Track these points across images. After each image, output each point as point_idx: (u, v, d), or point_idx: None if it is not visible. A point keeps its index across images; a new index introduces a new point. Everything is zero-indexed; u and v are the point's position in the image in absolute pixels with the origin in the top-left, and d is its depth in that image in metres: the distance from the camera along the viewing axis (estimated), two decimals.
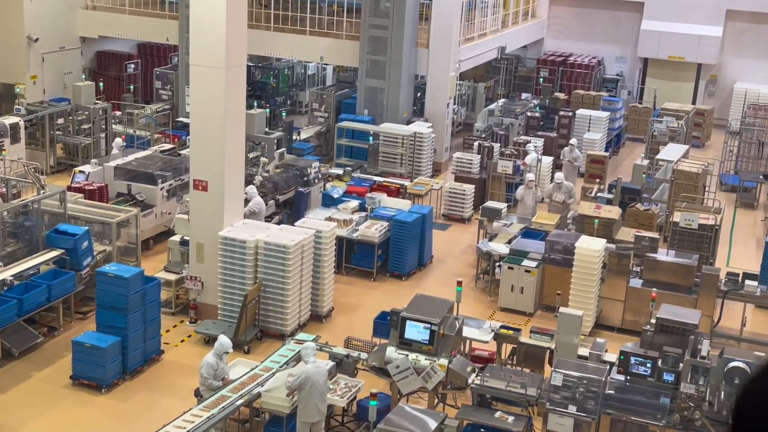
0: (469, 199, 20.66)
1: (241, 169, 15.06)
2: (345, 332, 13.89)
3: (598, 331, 15.24)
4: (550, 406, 11.33)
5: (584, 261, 15.17)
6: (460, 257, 18.67)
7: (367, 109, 23.96)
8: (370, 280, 17.20)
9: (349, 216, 17.55)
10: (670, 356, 11.34)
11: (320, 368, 11.26)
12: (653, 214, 18.41)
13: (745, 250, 19.45)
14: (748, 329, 15.40)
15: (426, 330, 11.95)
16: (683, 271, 15.29)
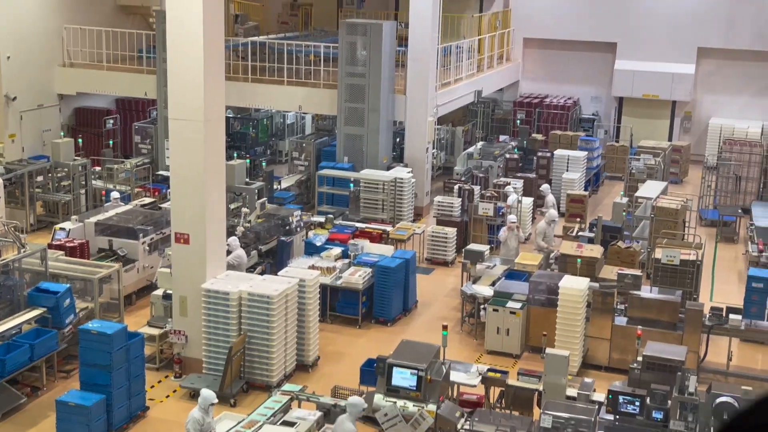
0: (452, 242, 20.71)
1: (222, 220, 15.04)
2: (332, 381, 13.79)
3: (586, 370, 15.22)
4: None
5: (568, 301, 15.19)
6: (445, 301, 18.65)
7: (346, 156, 24.06)
8: (356, 328, 17.13)
9: (333, 263, 17.52)
10: (658, 394, 11.34)
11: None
12: (635, 252, 18.50)
13: (727, 284, 19.55)
14: (734, 363, 15.41)
15: (413, 376, 11.90)
16: (667, 307, 15.34)
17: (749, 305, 16.02)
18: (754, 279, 16.48)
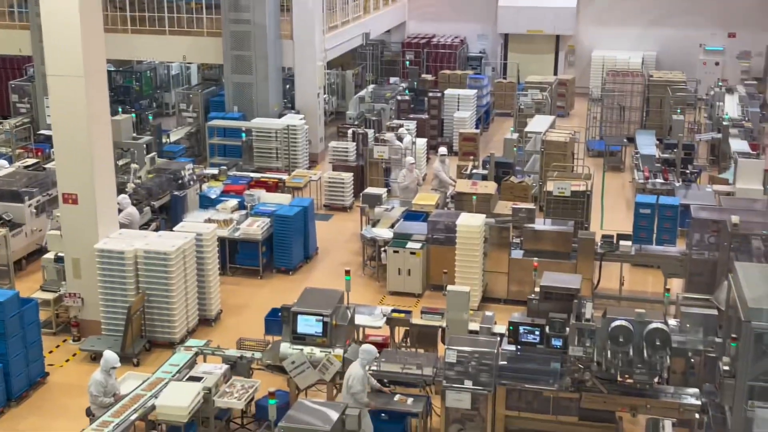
0: (349, 187, 20.69)
1: (111, 178, 14.60)
2: (236, 334, 13.69)
3: (486, 304, 15.56)
4: (447, 383, 11.49)
5: (466, 238, 15.43)
6: (346, 246, 18.68)
7: (236, 105, 23.64)
8: (257, 278, 17.01)
9: (229, 215, 17.28)
10: (557, 322, 11.66)
11: None
12: (527, 186, 18.88)
13: (616, 212, 20.19)
14: (626, 288, 15.99)
15: (318, 322, 11.91)
16: (560, 238, 15.75)
17: (638, 231, 16.64)
18: (642, 205, 17.10)
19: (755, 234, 14.70)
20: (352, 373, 11.19)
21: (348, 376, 11.21)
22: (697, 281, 15.14)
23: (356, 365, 11.31)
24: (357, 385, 11.15)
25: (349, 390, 11.12)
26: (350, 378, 11.15)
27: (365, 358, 11.32)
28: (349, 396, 11.12)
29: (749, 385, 10.00)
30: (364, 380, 11.18)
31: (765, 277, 11.03)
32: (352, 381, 11.13)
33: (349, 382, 11.13)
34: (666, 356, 10.97)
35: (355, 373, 11.17)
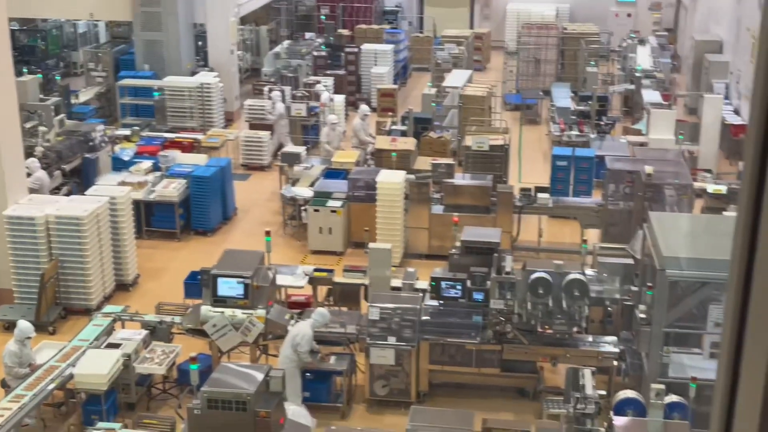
0: (267, 146, 20.40)
1: (18, 141, 14.06)
2: (155, 298, 13.42)
3: (408, 260, 15.59)
4: (371, 340, 11.53)
5: (386, 194, 15.40)
6: (265, 206, 18.46)
7: (147, 64, 22.97)
8: (175, 241, 16.69)
9: (144, 177, 16.87)
10: (478, 276, 11.77)
11: None
12: (446, 141, 18.91)
13: (534, 165, 20.40)
14: (544, 240, 16.24)
15: (239, 284, 11.75)
16: (480, 192, 15.85)
17: (555, 183, 16.85)
18: (558, 158, 17.32)
19: (668, 184, 15.05)
20: (300, 332, 11.17)
21: (296, 335, 11.14)
22: (613, 231, 15.46)
23: (305, 325, 11.28)
24: (305, 345, 11.15)
25: (296, 347, 11.08)
26: (298, 336, 11.12)
27: (318, 321, 11.31)
28: (290, 352, 11.04)
29: (664, 332, 10.29)
30: (311, 341, 11.17)
31: (678, 226, 11.32)
32: (300, 339, 11.12)
33: (297, 339, 11.10)
34: (584, 306, 11.20)
35: (304, 333, 11.17)
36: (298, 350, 11.09)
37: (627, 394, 9.33)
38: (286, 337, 11.32)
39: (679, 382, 9.98)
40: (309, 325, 11.28)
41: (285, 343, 11.29)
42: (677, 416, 8.94)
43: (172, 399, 11.90)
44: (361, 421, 11.39)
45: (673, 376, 10.28)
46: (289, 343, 11.18)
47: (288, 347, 11.18)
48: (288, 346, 11.19)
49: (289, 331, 11.43)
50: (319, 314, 11.41)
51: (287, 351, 11.15)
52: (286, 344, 11.24)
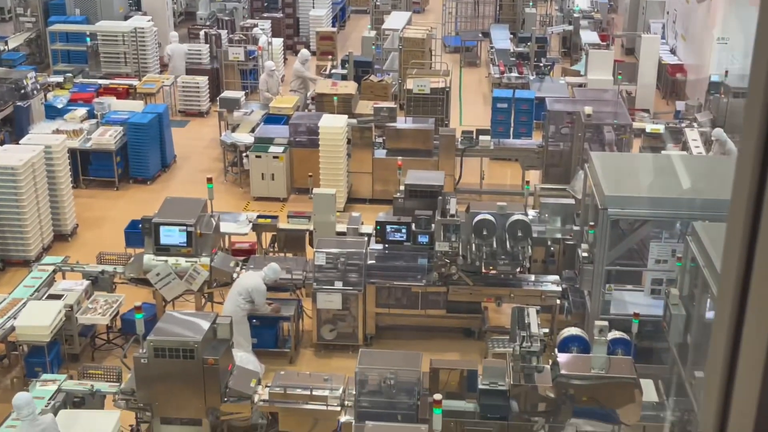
0: (204, 91, 20.02)
1: None
2: (95, 248, 13.20)
3: (352, 205, 15.57)
4: (317, 285, 11.53)
5: (329, 139, 15.28)
6: (205, 152, 18.19)
7: (78, 8, 22.30)
8: (113, 190, 16.38)
9: (79, 125, 16.45)
10: (422, 219, 11.81)
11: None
12: (387, 84, 18.80)
13: (474, 107, 20.44)
14: (487, 182, 16.33)
15: (182, 232, 11.61)
16: (422, 135, 15.83)
17: (496, 125, 16.92)
18: (499, 100, 17.37)
19: (607, 124, 15.22)
20: (255, 288, 10.96)
21: (250, 290, 10.93)
22: (554, 172, 15.62)
23: (257, 279, 11.09)
24: (261, 298, 11.05)
25: (251, 302, 10.96)
26: (254, 292, 10.95)
27: (270, 276, 11.17)
28: (240, 301, 10.92)
29: (606, 270, 10.48)
30: (265, 293, 11.09)
31: (619, 165, 11.47)
32: (257, 295, 10.98)
33: (252, 295, 10.94)
34: (527, 246, 11.33)
35: (259, 289, 11.00)
36: (256, 305, 11.03)
37: (571, 331, 9.51)
38: (234, 287, 11.20)
39: (621, 318, 10.21)
40: (261, 278, 11.18)
41: (232, 293, 11.15)
42: (620, 351, 9.15)
43: (116, 349, 11.80)
44: (310, 365, 11.45)
45: (615, 313, 10.51)
46: (237, 292, 11.06)
47: (236, 297, 11.07)
48: (236, 295, 11.08)
49: (235, 280, 11.33)
50: (272, 270, 11.24)
51: (236, 300, 11.02)
52: (234, 294, 11.13)
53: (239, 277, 11.32)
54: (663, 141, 16.45)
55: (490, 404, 8.74)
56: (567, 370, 8.62)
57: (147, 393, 9.21)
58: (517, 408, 8.74)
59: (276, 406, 9.35)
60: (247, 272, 11.40)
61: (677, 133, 16.44)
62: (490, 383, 8.76)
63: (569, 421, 8.68)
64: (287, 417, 9.33)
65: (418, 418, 8.81)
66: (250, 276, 11.23)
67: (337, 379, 9.48)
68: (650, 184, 10.65)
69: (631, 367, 8.66)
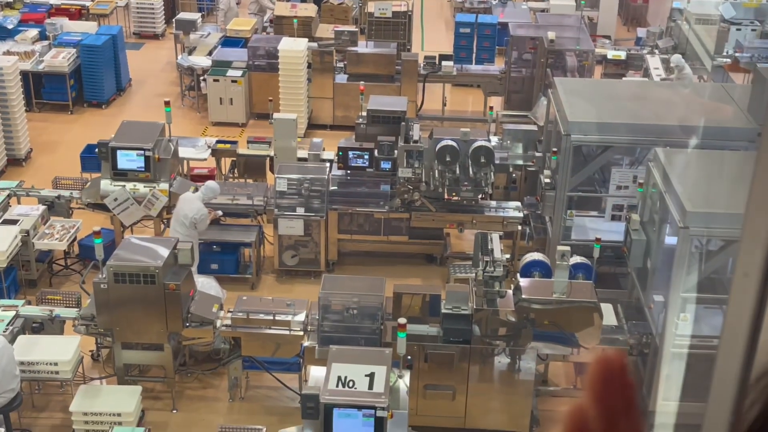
0: (159, 12, 19.49)
1: None
2: (50, 173, 12.92)
3: (313, 131, 15.39)
4: (279, 211, 11.44)
5: (289, 63, 15.00)
6: (161, 76, 17.79)
7: None
8: (67, 113, 15.99)
9: (31, 47, 15.95)
10: (385, 145, 11.72)
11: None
12: (348, 7, 18.45)
13: (437, 32, 20.19)
14: (449, 108, 16.22)
15: (140, 157, 11.40)
16: (384, 60, 15.60)
17: (458, 51, 16.74)
18: (462, 25, 17.16)
19: (569, 49, 15.13)
20: (197, 211, 10.66)
21: (193, 215, 10.63)
22: (516, 98, 15.56)
23: (196, 203, 10.76)
24: (205, 220, 10.79)
25: (195, 224, 10.72)
26: (197, 215, 10.64)
27: (208, 195, 10.91)
28: (182, 228, 10.73)
29: (568, 196, 10.52)
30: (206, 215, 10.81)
31: (581, 90, 11.43)
32: (199, 217, 10.69)
33: (195, 218, 10.65)
34: (490, 173, 11.33)
35: (201, 211, 10.71)
36: (198, 227, 10.77)
37: (534, 256, 9.58)
38: (174, 215, 10.86)
39: (582, 244, 10.30)
40: (199, 199, 10.87)
41: (174, 223, 10.80)
42: (581, 276, 9.24)
43: (75, 275, 11.65)
44: (271, 291, 11.42)
45: (576, 239, 10.59)
46: (179, 222, 10.69)
47: (178, 226, 10.70)
48: (178, 225, 10.71)
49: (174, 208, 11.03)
50: (209, 189, 10.93)
51: (179, 230, 10.65)
52: (175, 224, 10.75)
53: (178, 204, 10.88)
54: (624, 68, 16.44)
55: (453, 328, 8.81)
56: (529, 294, 8.70)
57: (107, 318, 9.14)
58: (479, 332, 8.83)
59: (238, 331, 9.33)
60: (184, 196, 10.96)
61: (638, 60, 16.43)
62: (453, 308, 8.81)
63: (530, 344, 8.79)
64: (250, 342, 9.33)
65: (382, 342, 8.86)
66: (188, 201, 10.82)
67: (300, 305, 9.46)
68: (613, 110, 10.64)
69: (591, 291, 8.76)
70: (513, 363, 8.93)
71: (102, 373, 9.84)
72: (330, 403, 7.45)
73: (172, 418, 9.43)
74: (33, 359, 9.06)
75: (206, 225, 10.95)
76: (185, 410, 9.53)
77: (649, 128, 10.26)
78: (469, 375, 8.93)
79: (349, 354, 8.02)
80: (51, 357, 9.11)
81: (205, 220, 10.84)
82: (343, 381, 7.56)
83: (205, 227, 10.97)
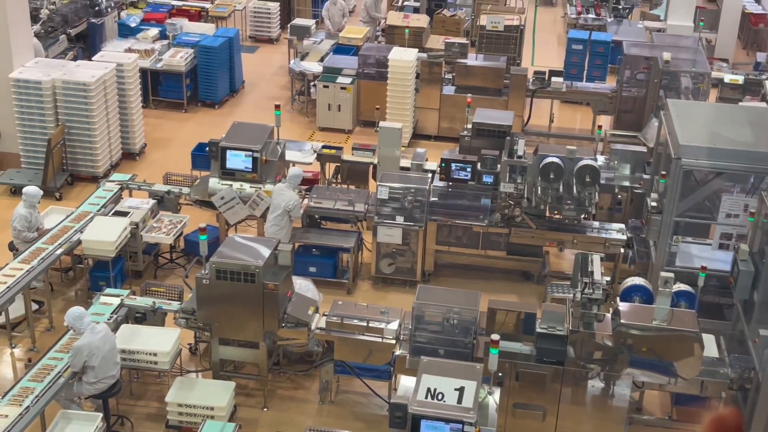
0: (275, 17, 19.92)
1: (24, 3, 13.67)
2: (162, 168, 13.36)
3: (417, 141, 15.45)
4: (379, 219, 11.51)
5: (398, 73, 15.10)
6: (273, 80, 18.16)
7: None
8: (182, 112, 16.49)
9: (151, 45, 16.53)
10: (488, 159, 11.66)
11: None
12: (460, 20, 18.44)
13: (548, 47, 20.00)
14: (556, 125, 16.04)
15: (248, 158, 11.67)
16: (493, 74, 15.55)
17: (569, 67, 16.50)
18: (574, 41, 16.89)
19: (684, 71, 14.76)
20: (290, 199, 11.20)
21: (286, 202, 11.14)
22: (626, 118, 15.26)
23: (287, 190, 11.26)
24: (298, 208, 11.30)
25: (288, 213, 11.21)
26: (290, 203, 11.18)
27: (295, 182, 11.36)
28: (278, 219, 11.08)
29: (675, 221, 10.25)
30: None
31: (695, 114, 11.13)
32: (293, 205, 11.19)
33: (288, 206, 11.17)
34: (595, 192, 11.13)
35: (294, 199, 11.23)
36: (291, 215, 11.27)
37: (635, 280, 9.36)
38: (272, 206, 11.33)
39: (686, 271, 10.01)
40: (291, 188, 11.32)
41: (270, 216, 11.31)
42: (684, 304, 8.99)
43: (179, 269, 11.99)
44: (366, 297, 11.50)
45: (680, 266, 10.31)
46: (275, 214, 11.24)
47: (274, 218, 11.24)
48: (274, 217, 11.24)
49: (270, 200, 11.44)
50: (294, 175, 11.42)
51: (274, 221, 11.22)
52: (271, 212, 11.30)
53: (272, 198, 11.41)
54: (741, 92, 15.92)
55: (547, 348, 8.68)
56: (628, 319, 8.50)
57: (207, 313, 9.36)
58: (574, 354, 8.68)
59: (332, 335, 9.43)
60: (275, 188, 11.43)
61: (756, 85, 15.89)
62: (549, 327, 8.69)
63: (626, 370, 8.59)
64: (343, 346, 9.41)
65: (473, 357, 8.81)
66: (280, 192, 11.33)
67: (393, 313, 9.50)
68: (727, 135, 10.31)
69: (693, 320, 8.50)
70: (607, 388, 8.75)
71: (198, 366, 10.09)
72: (418, 414, 7.45)
73: (262, 415, 9.59)
74: (134, 348, 9.36)
75: (299, 213, 11.39)
76: (276, 409, 9.69)
77: (764, 156, 9.91)
78: (560, 397, 8.79)
79: (439, 366, 8.00)
80: (151, 347, 9.39)
81: (297, 207, 11.23)
82: (433, 393, 7.55)
83: (299, 215, 11.40)
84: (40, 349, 10.06)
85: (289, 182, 11.35)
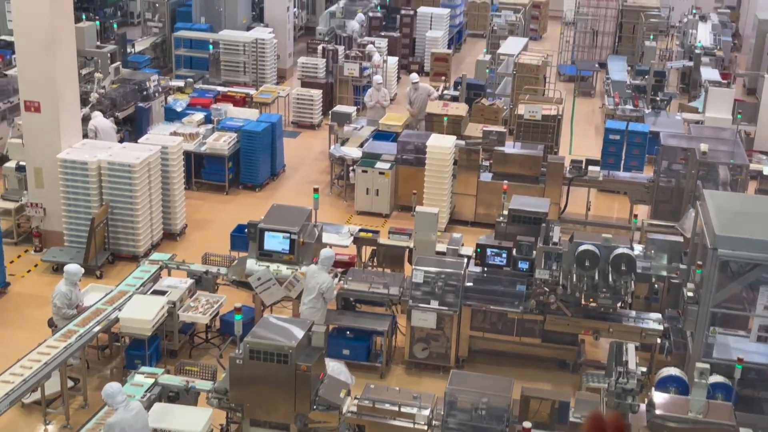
0: (318, 104, 20.39)
1: (74, 86, 14.20)
2: (201, 249, 13.57)
3: (453, 226, 15.55)
4: (413, 303, 11.54)
5: (436, 159, 15.33)
6: (313, 164, 18.49)
7: (203, 16, 23.03)
8: (223, 194, 16.81)
9: (195, 129, 16.98)
10: (524, 245, 11.69)
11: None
12: (498, 109, 18.74)
13: (586, 137, 20.16)
14: (592, 213, 16.07)
15: (286, 239, 11.83)
16: (530, 161, 15.70)
17: (606, 157, 16.61)
18: (611, 131, 17.04)
19: (722, 163, 14.78)
20: (324, 282, 11.29)
21: (320, 284, 11.25)
22: (663, 208, 15.25)
23: (322, 273, 11.36)
24: (333, 291, 11.40)
25: (324, 295, 11.28)
26: (324, 285, 11.28)
27: (326, 263, 11.45)
28: (314, 300, 11.15)
29: (712, 312, 10.14)
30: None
31: (732, 205, 11.10)
32: (327, 287, 11.28)
33: (323, 288, 11.27)
34: (631, 281, 11.08)
35: (328, 281, 11.33)
36: (325, 297, 11.33)
37: (670, 371, 9.24)
38: (306, 289, 11.41)
39: (723, 363, 9.86)
40: (324, 270, 11.41)
41: (305, 298, 11.38)
42: (720, 396, 8.84)
43: (213, 348, 12.07)
44: (400, 381, 11.44)
45: (717, 357, 10.15)
46: (311, 297, 11.31)
47: (309, 300, 11.32)
48: (309, 299, 11.32)
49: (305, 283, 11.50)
50: (326, 258, 11.48)
51: (309, 303, 11.30)
52: (306, 299, 11.37)
53: (306, 280, 11.48)
54: None
55: None
56: (663, 410, 8.38)
57: (239, 393, 9.38)
58: None
59: (363, 419, 9.38)
60: (309, 270, 11.51)
61: None
62: (582, 417, 8.57)
63: None
64: (374, 431, 9.34)
65: None
66: (314, 274, 11.40)
67: (426, 398, 9.45)
68: (765, 227, 10.26)
69: (730, 413, 8.35)
70: None
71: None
72: None
73: None
74: (166, 427, 9.37)
75: (333, 295, 11.47)
76: None
77: None
78: None
79: None
80: (183, 427, 9.41)
81: (331, 289, 11.28)
82: None
83: (333, 297, 11.47)
84: (73, 426, 10.12)
85: (321, 264, 11.46)
